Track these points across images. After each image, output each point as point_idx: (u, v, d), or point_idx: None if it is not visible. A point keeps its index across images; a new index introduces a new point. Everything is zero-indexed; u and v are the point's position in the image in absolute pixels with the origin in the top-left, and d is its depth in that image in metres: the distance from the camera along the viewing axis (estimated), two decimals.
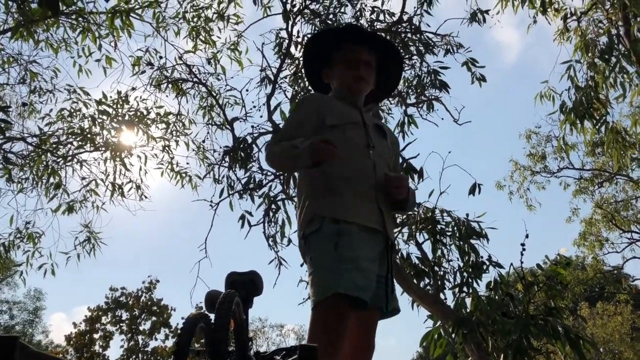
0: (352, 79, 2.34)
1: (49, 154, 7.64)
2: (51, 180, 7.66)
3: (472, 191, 5.28)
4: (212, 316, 2.10)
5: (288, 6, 6.67)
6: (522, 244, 4.67)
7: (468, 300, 4.81)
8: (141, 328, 27.29)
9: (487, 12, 6.87)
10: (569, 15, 7.06)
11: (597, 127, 6.49)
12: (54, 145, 7.72)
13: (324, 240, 1.95)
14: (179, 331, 1.79)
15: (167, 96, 7.97)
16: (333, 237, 1.94)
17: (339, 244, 1.91)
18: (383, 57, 2.46)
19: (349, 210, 2.00)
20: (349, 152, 2.11)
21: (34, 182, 7.72)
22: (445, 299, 5.12)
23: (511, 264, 4.92)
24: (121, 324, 27.03)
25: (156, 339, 27.27)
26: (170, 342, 25.90)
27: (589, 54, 6.48)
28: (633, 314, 21.49)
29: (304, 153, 1.96)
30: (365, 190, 2.09)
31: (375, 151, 2.19)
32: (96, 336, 26.60)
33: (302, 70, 6.69)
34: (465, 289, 4.95)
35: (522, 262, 4.68)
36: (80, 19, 6.75)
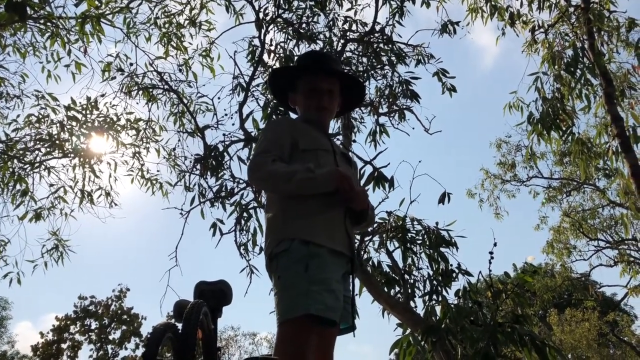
0: (315, 109, 2.36)
1: (15, 161, 7.50)
2: (18, 187, 7.51)
3: (441, 200, 5.33)
4: (180, 326, 2.10)
5: (261, 14, 6.68)
6: (491, 252, 4.73)
7: (438, 308, 4.85)
8: (111, 337, 26.88)
9: (457, 23, 7.00)
10: (536, 28, 7.22)
11: (563, 137, 6.64)
12: (21, 152, 7.58)
13: (294, 260, 1.99)
14: (146, 341, 1.78)
15: (137, 103, 7.93)
16: (304, 259, 1.98)
17: (309, 265, 1.96)
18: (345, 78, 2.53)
19: (319, 234, 2.06)
20: None
21: (0, 189, 7.56)
22: (415, 307, 5.15)
23: (480, 272, 4.99)
24: (90, 333, 26.58)
25: (126, 348, 26.90)
26: (140, 352, 25.51)
27: (556, 66, 6.63)
28: (600, 320, 21.91)
29: (323, 179, 2.07)
30: (335, 214, 2.15)
31: None
32: (64, 346, 26.10)
33: (270, 91, 6.72)
34: (434, 297, 5.00)
35: (490, 270, 4.75)
36: (49, 23, 6.65)
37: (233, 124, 6.43)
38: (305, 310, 1.88)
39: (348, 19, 6.95)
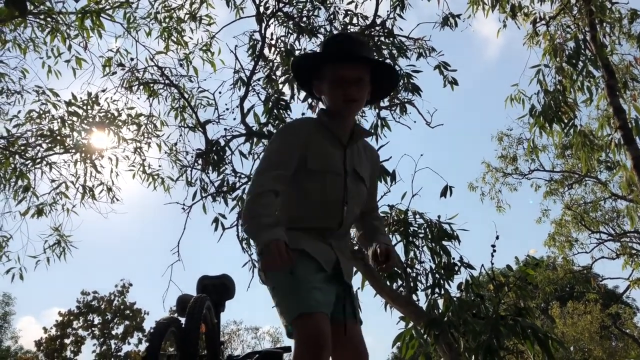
0: (343, 101, 2.13)
1: (17, 157, 7.50)
2: (19, 182, 7.52)
3: (444, 193, 5.33)
4: (183, 320, 2.10)
5: (261, 9, 6.66)
6: (493, 245, 4.74)
7: (440, 302, 4.86)
8: (114, 332, 26.98)
9: (458, 16, 6.97)
10: (538, 20, 7.19)
11: (565, 130, 6.62)
12: (22, 148, 7.58)
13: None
14: (149, 335, 1.78)
15: (138, 98, 7.93)
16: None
17: (294, 269, 1.94)
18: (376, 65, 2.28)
19: (305, 245, 2.05)
20: (322, 206, 2.13)
21: (2, 185, 7.57)
22: (418, 300, 5.16)
23: (482, 265, 5.00)
24: (93, 329, 26.67)
25: (129, 343, 27.00)
26: (143, 347, 25.59)
27: (557, 59, 6.61)
28: (602, 313, 21.94)
29: (261, 242, 1.87)
30: (325, 240, 2.13)
31: (348, 207, 2.16)
32: (67, 341, 26.21)
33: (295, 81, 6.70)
34: (437, 290, 5.00)
35: (492, 263, 4.77)
36: (49, 19, 6.64)
37: (234, 119, 6.41)
38: (297, 311, 1.89)
39: (349, 12, 6.92)
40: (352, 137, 2.21)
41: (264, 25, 6.64)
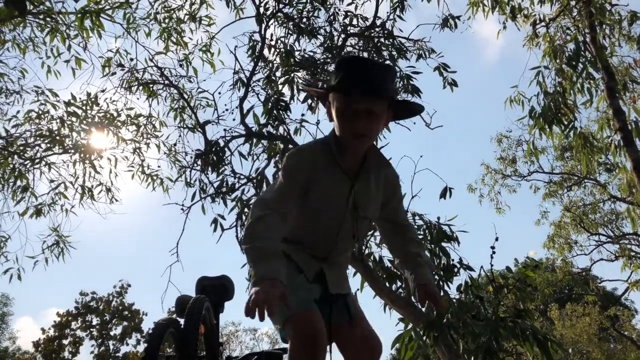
0: (352, 134, 1.91)
1: (16, 157, 7.49)
2: (18, 183, 7.51)
3: (443, 195, 5.33)
4: (182, 321, 2.09)
5: (261, 9, 6.66)
6: (492, 247, 4.73)
7: None
8: (112, 333, 26.95)
9: (458, 17, 6.97)
10: (537, 22, 7.19)
11: (565, 132, 6.62)
12: (21, 148, 7.57)
13: None
14: (148, 336, 1.77)
15: (137, 98, 7.92)
16: None
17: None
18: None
19: (290, 251, 2.04)
20: (315, 235, 2.08)
21: (0, 185, 7.56)
22: (417, 301, 5.15)
23: (481, 267, 4.97)
24: (91, 329, 26.64)
25: (127, 344, 26.96)
26: (142, 347, 25.57)
27: (557, 60, 6.61)
28: (600, 315, 21.94)
29: (256, 275, 1.72)
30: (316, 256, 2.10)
31: (339, 243, 2.12)
32: (65, 342, 26.17)
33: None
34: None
35: (492, 265, 4.74)
36: (48, 19, 6.63)
37: (234, 119, 6.41)
38: (284, 316, 1.86)
39: (349, 13, 6.93)
40: (364, 166, 2.03)
41: (263, 26, 6.65)
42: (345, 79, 1.90)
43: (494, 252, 4.71)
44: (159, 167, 7.96)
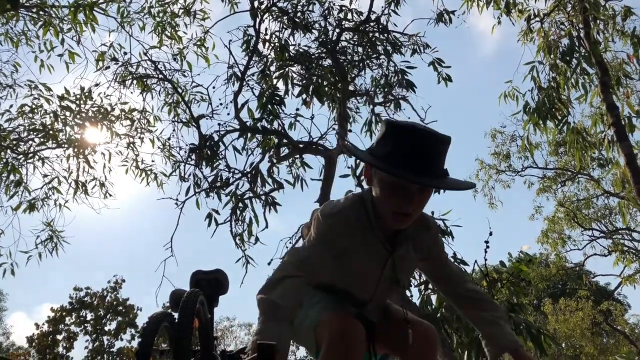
0: (392, 214, 1.70)
1: (9, 151, 7.45)
2: (11, 177, 7.47)
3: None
4: (176, 315, 2.09)
5: (256, 3, 6.64)
6: (486, 242, 4.75)
7: (433, 297, 4.86)
8: (106, 328, 26.92)
9: (453, 12, 6.98)
10: (532, 17, 7.20)
11: (559, 127, 6.64)
12: (14, 142, 7.52)
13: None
14: (142, 330, 1.77)
15: (131, 92, 7.87)
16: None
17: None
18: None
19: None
20: (354, 288, 1.99)
21: None
22: (411, 296, 5.16)
23: (475, 261, 4.99)
24: (86, 325, 26.60)
25: (122, 340, 26.96)
26: (136, 343, 25.53)
27: (551, 55, 6.62)
28: (593, 310, 22.07)
29: (257, 333, 1.61)
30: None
31: (372, 303, 2.02)
32: (59, 337, 26.12)
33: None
34: (430, 286, 5.01)
35: (486, 260, 4.76)
36: (41, 12, 6.59)
37: (228, 114, 6.42)
38: (314, 322, 1.85)
39: (343, 7, 6.92)
40: (403, 232, 1.85)
41: (258, 20, 6.63)
42: (402, 165, 1.59)
43: (488, 247, 4.73)
44: (153, 161, 7.94)
